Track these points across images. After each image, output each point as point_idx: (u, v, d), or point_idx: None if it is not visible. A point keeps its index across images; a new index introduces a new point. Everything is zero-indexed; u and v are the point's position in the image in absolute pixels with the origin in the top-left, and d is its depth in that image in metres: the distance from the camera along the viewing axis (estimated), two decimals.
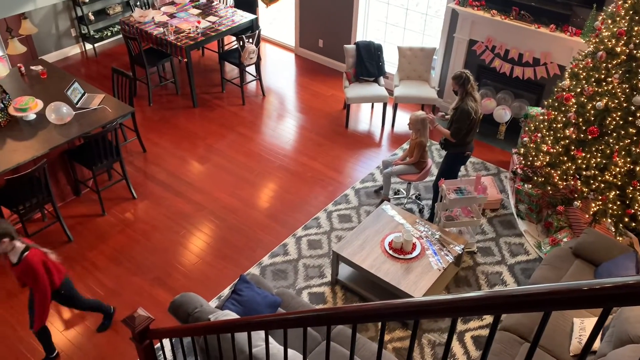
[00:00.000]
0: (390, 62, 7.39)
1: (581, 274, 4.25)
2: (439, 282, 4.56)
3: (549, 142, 5.01)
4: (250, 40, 6.99)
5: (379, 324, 4.44)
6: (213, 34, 7.12)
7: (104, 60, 8.33)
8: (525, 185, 5.29)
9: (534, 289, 1.27)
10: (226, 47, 8.24)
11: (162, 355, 4.09)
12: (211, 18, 7.47)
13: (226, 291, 4.73)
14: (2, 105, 5.24)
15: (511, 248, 5.22)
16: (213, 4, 7.90)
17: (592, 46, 4.76)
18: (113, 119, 5.45)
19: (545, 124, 5.11)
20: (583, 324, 3.78)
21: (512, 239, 5.32)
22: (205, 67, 8.25)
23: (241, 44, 6.94)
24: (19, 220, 4.83)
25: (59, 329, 4.40)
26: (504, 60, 6.31)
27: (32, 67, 6.19)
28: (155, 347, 3.65)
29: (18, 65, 6.17)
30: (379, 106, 7.28)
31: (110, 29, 8.50)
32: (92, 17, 8.17)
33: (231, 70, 8.06)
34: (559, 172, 4.92)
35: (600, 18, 4.85)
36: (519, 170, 5.39)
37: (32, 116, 5.35)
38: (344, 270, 4.81)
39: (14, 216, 5.07)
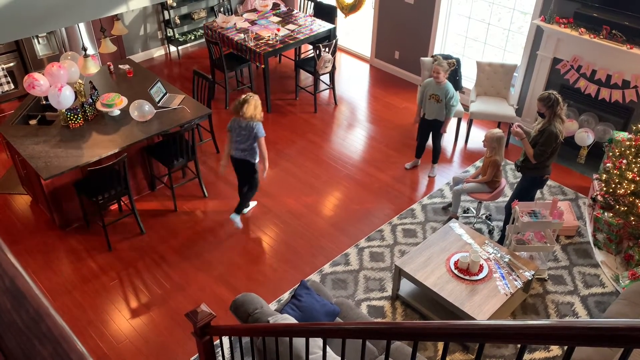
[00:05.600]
0: (468, 77, 7.23)
1: None
2: (505, 308, 4.38)
3: (635, 169, 4.71)
4: (327, 49, 7.06)
5: (439, 343, 4.32)
6: (291, 41, 7.25)
7: (186, 62, 8.68)
8: (606, 214, 4.99)
9: (615, 322, 1.19)
10: (302, 55, 8.36)
11: (220, 352, 4.16)
12: (290, 26, 7.61)
13: (286, 295, 4.77)
14: (91, 100, 5.57)
15: (585, 278, 4.93)
16: (293, 13, 8.05)
17: None
18: (191, 119, 5.65)
19: (633, 150, 4.81)
20: None
21: (587, 269, 5.02)
22: (281, 74, 8.41)
23: (317, 52, 7.02)
24: (97, 209, 5.10)
25: (126, 317, 4.59)
26: (589, 81, 6.01)
27: (120, 66, 6.54)
28: (214, 343, 3.72)
29: (108, 63, 6.55)
30: (452, 121, 7.11)
31: (194, 33, 8.86)
32: (177, 21, 8.55)
33: (306, 78, 8.16)
34: None
35: None
36: (599, 197, 5.10)
37: (116, 112, 5.64)
38: (406, 286, 4.72)
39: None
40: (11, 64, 7.08)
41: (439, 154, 6.18)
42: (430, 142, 6.09)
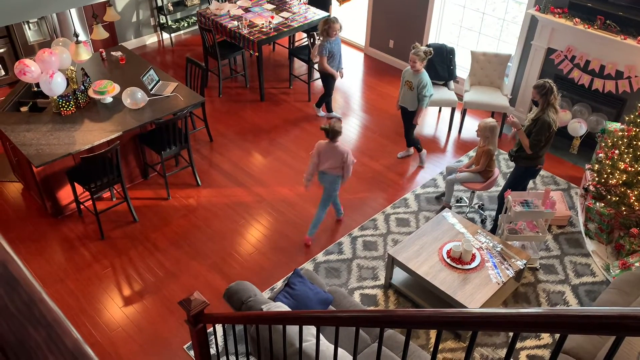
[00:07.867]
0: (462, 67, 7.22)
1: None
2: (496, 296, 4.41)
3: (627, 160, 4.73)
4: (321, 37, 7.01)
5: (431, 332, 4.36)
6: (285, 29, 7.20)
7: (179, 50, 8.61)
8: (597, 204, 5.02)
9: (607, 311, 1.20)
10: (297, 43, 8.31)
11: (213, 340, 4.17)
12: (284, 14, 7.55)
13: (279, 283, 4.78)
14: (83, 87, 5.51)
15: (576, 268, 4.98)
16: (287, 0, 7.99)
17: None
18: (184, 107, 5.62)
19: (625, 140, 4.83)
20: None
21: (578, 259, 5.07)
22: (275, 62, 8.36)
23: (312, 40, 6.98)
24: (89, 197, 5.07)
25: (119, 305, 4.59)
26: (583, 71, 6.02)
27: (113, 53, 6.48)
28: (208, 331, 3.73)
29: (100, 50, 6.48)
30: (446, 110, 7.13)
31: (187, 20, 8.78)
32: (171, 8, 8.47)
33: (300, 66, 8.12)
34: (635, 193, 4.64)
35: None
36: (591, 187, 5.13)
37: (109, 99, 5.60)
38: (398, 275, 4.75)
39: (85, 193, 5.32)
40: (1, 50, 7.00)
41: (411, 143, 6.15)
42: (415, 130, 6.10)
